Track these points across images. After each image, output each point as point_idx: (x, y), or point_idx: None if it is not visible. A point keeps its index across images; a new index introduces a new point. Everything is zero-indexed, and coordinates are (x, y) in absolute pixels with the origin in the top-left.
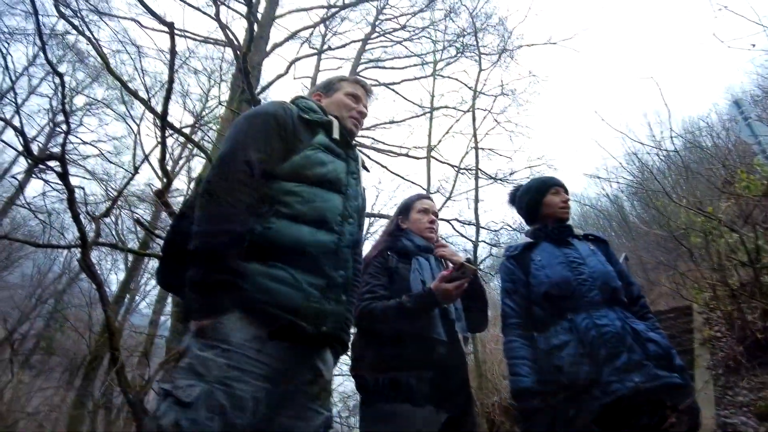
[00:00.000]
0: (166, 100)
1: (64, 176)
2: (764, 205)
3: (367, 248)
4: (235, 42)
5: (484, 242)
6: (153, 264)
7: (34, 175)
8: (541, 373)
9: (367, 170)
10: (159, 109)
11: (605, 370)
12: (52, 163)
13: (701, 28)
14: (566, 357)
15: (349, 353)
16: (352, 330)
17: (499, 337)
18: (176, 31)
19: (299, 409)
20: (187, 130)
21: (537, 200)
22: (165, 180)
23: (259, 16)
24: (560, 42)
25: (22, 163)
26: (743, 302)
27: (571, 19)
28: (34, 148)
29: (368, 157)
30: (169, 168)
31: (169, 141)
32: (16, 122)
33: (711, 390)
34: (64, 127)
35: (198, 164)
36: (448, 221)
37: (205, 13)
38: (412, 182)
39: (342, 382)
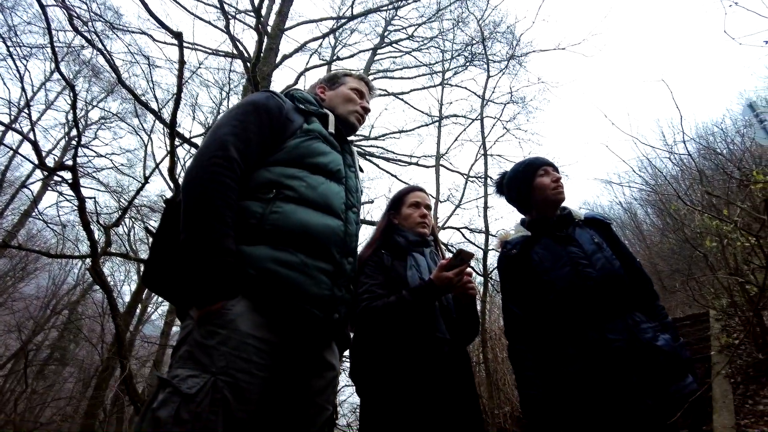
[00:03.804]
0: (175, 109)
1: (75, 186)
2: None
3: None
4: (245, 54)
5: (495, 250)
6: None
7: (49, 188)
8: (550, 384)
9: (361, 170)
10: (169, 119)
11: (616, 388)
12: (64, 174)
13: (712, 29)
14: (573, 371)
15: (347, 357)
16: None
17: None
18: (186, 43)
19: (304, 403)
20: (198, 141)
21: (526, 185)
22: (175, 189)
23: (268, 28)
24: (569, 47)
25: (39, 176)
26: (762, 308)
27: (581, 24)
28: (51, 161)
29: (377, 166)
30: (179, 177)
31: (181, 153)
32: (31, 136)
33: (730, 399)
34: (75, 136)
35: None
36: (458, 229)
37: (215, 25)
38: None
39: (353, 393)
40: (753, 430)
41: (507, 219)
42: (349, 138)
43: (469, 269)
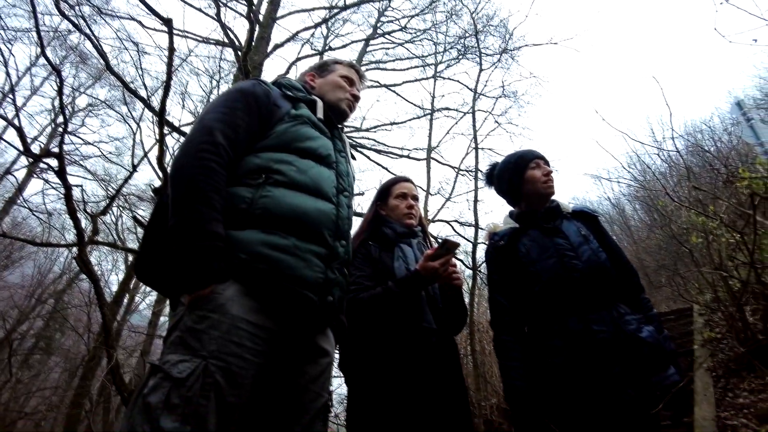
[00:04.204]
0: (164, 97)
1: (61, 173)
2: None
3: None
4: (236, 42)
5: (484, 243)
6: None
7: (35, 175)
8: (534, 375)
9: (353, 158)
10: (158, 107)
11: (599, 379)
12: (50, 161)
13: (703, 27)
14: (558, 362)
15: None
16: None
17: None
18: (176, 30)
19: (298, 390)
20: (188, 129)
21: (517, 177)
22: (164, 178)
23: (260, 16)
24: (561, 42)
25: (24, 163)
26: (744, 303)
27: (573, 20)
28: (37, 148)
29: (368, 158)
30: (168, 166)
31: (170, 141)
32: (16, 122)
33: (711, 392)
34: (61, 122)
35: None
36: (448, 222)
37: (205, 13)
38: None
39: (341, 384)
40: (732, 421)
41: (497, 212)
42: (340, 126)
43: (455, 260)
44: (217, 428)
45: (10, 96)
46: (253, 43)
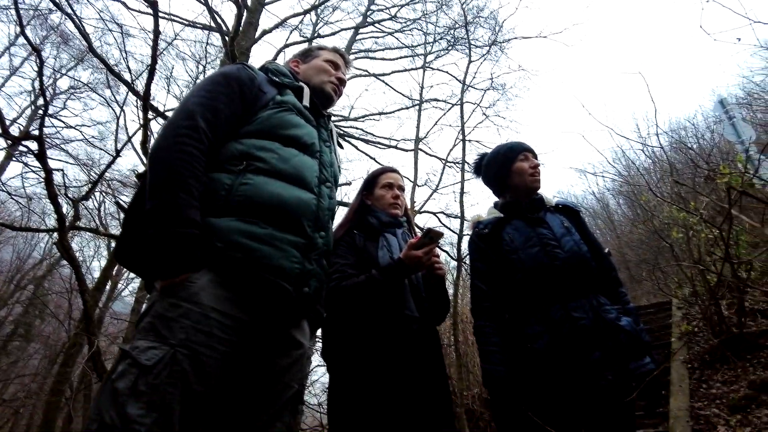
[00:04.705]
0: (149, 81)
1: (41, 157)
2: (745, 199)
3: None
4: (224, 27)
5: (469, 235)
6: None
7: (13, 158)
8: (514, 361)
9: (341, 146)
10: (142, 92)
11: (579, 364)
12: (30, 144)
13: (689, 25)
14: (539, 348)
15: (319, 336)
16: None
17: None
18: (162, 13)
19: (267, 381)
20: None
21: (505, 167)
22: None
23: (248, 1)
24: (551, 36)
25: (2, 145)
26: (721, 297)
27: (562, 14)
28: (16, 130)
29: (356, 148)
30: None
31: (155, 126)
32: None
33: (686, 383)
34: (42, 104)
35: None
36: (434, 214)
37: None
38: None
39: (325, 373)
40: (705, 411)
41: (483, 205)
42: (327, 113)
43: (438, 250)
44: (182, 416)
45: None
46: (241, 29)
